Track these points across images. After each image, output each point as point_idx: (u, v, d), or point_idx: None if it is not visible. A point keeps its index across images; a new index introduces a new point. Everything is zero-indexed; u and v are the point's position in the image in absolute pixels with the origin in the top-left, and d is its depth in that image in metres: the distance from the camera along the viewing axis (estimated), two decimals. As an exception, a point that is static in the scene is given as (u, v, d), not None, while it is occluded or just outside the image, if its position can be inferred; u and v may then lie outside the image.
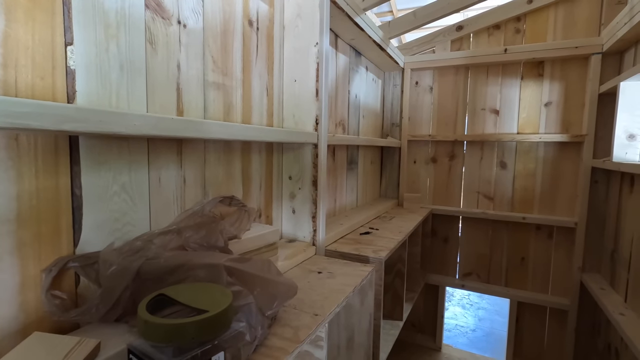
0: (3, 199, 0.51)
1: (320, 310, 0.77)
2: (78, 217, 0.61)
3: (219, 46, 0.90)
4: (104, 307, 0.58)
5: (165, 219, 0.77)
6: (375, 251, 1.20)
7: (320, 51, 1.11)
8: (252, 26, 1.02)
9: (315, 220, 1.17)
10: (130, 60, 0.68)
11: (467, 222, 2.13)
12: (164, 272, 0.58)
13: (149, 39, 0.72)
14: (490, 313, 3.30)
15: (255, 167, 1.07)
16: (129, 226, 0.70)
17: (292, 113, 1.17)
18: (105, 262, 0.59)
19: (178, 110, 0.79)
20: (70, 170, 0.60)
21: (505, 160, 2.01)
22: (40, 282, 0.56)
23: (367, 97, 1.96)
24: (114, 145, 0.66)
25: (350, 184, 1.80)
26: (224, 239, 0.68)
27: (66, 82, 0.58)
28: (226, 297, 0.48)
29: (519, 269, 2.01)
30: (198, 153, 0.86)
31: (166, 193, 0.78)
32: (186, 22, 0.80)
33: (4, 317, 0.52)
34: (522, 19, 1.93)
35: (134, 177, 0.70)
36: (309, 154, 1.16)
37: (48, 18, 0.55)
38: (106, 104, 0.64)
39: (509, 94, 1.97)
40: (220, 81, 0.91)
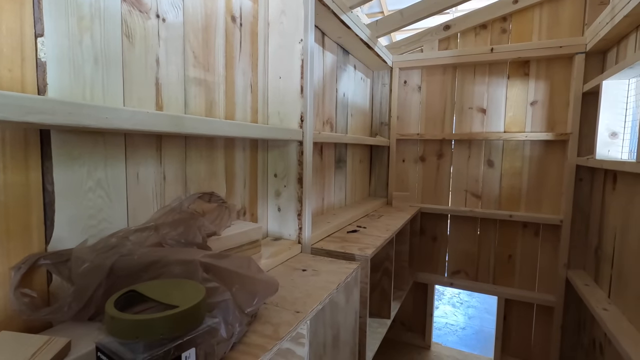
0: (-33, 193, 0.50)
1: (302, 308, 0.76)
2: (50, 214, 0.60)
3: (200, 42, 0.89)
4: (77, 306, 0.57)
5: (143, 216, 0.76)
6: (361, 249, 1.20)
7: (305, 48, 1.11)
8: (235, 22, 1.01)
9: (300, 218, 1.16)
10: (105, 53, 0.67)
11: (455, 221, 2.14)
12: (138, 269, 0.57)
13: (126, 32, 0.70)
14: (480, 311, 3.33)
15: (239, 164, 1.06)
16: (104, 223, 0.68)
17: (277, 110, 1.16)
18: (78, 259, 0.58)
19: (157, 106, 0.78)
20: (42, 165, 0.58)
21: (493, 159, 2.03)
22: (8, 279, 0.54)
23: (356, 95, 1.96)
24: (88, 139, 0.65)
25: (339, 183, 1.79)
26: (202, 235, 0.67)
27: (36, 75, 0.57)
28: (198, 293, 0.47)
29: (507, 267, 2.03)
30: (179, 149, 0.84)
31: (145, 190, 0.76)
32: (165, 16, 0.79)
33: (-32, 316, 0.50)
34: (508, 19, 1.95)
35: (110, 172, 0.69)
36: (294, 152, 1.15)
37: (17, 7, 0.54)
38: (80, 98, 0.63)
39: (496, 93, 1.99)
40: (201, 77, 0.90)
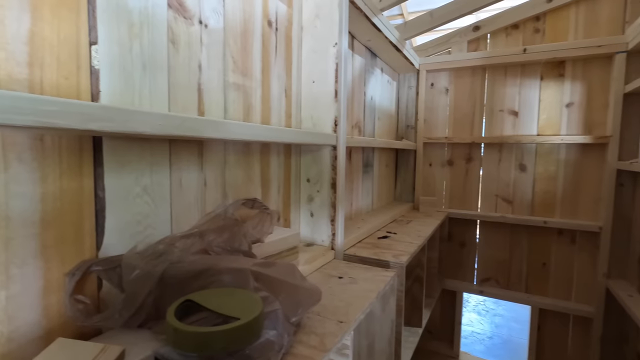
0: (28, 201, 0.50)
1: (344, 317, 0.74)
2: (101, 220, 0.60)
3: (239, 46, 0.89)
4: (127, 313, 0.57)
5: (186, 222, 0.76)
6: (395, 255, 1.17)
7: (339, 51, 1.09)
8: (271, 27, 1.00)
9: (334, 224, 1.14)
10: (152, 59, 0.67)
11: (484, 226, 2.08)
12: (188, 277, 0.57)
13: (171, 38, 0.71)
14: (507, 320, 3.22)
15: (274, 169, 1.05)
16: (150, 229, 0.68)
17: (310, 114, 1.15)
18: (128, 266, 0.58)
19: (199, 111, 0.78)
20: (94, 171, 0.59)
21: (525, 163, 1.96)
22: (63, 286, 0.55)
23: (382, 99, 1.94)
24: (135, 146, 0.65)
25: (366, 187, 1.77)
26: (248, 242, 0.66)
27: (90, 82, 0.57)
28: (256, 304, 0.46)
29: (540, 275, 1.95)
30: (218, 155, 0.84)
31: (187, 195, 0.76)
32: (207, 22, 0.79)
33: (27, 322, 0.51)
34: (542, 18, 1.88)
35: (156, 178, 0.69)
36: (327, 156, 1.13)
37: (73, 16, 0.55)
38: (129, 104, 0.63)
39: (529, 95, 1.92)
40: (240, 82, 0.89)
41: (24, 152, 0.50)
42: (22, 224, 0.50)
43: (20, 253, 0.50)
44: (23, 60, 0.49)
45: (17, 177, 0.49)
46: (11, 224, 0.49)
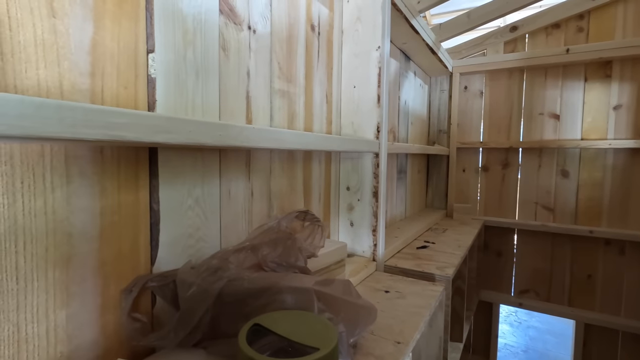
0: (88, 215, 0.48)
1: (400, 337, 0.70)
2: (155, 234, 0.58)
3: (285, 52, 0.86)
4: (183, 332, 0.54)
5: (234, 234, 0.73)
6: (439, 268, 1.11)
7: (382, 55, 1.05)
8: (314, 31, 0.97)
9: (375, 234, 1.09)
10: (204, 67, 0.65)
11: (523, 235, 1.98)
12: (247, 295, 0.53)
13: (222, 44, 0.68)
14: (542, 332, 3.07)
15: (315, 177, 1.02)
16: (201, 242, 0.66)
17: (350, 121, 1.11)
18: (184, 282, 0.55)
19: (247, 119, 0.76)
20: (149, 183, 0.57)
21: (567, 169, 1.85)
22: (119, 303, 0.53)
23: (415, 103, 1.88)
24: (188, 156, 0.63)
25: (400, 194, 1.71)
26: (304, 257, 0.63)
27: (147, 91, 0.55)
28: (330, 331, 0.42)
29: (585, 288, 1.84)
30: (265, 164, 0.81)
31: (235, 206, 0.74)
32: (256, 27, 0.77)
33: (87, 341, 0.49)
34: (586, 17, 1.79)
35: (207, 190, 0.67)
36: (369, 164, 1.09)
37: (132, 24, 0.53)
38: (182, 113, 0.61)
39: (571, 97, 1.83)
40: (285, 88, 0.87)
41: (86, 165, 0.48)
42: (83, 240, 0.48)
43: (80, 270, 0.48)
44: (85, 70, 0.47)
45: (78, 191, 0.47)
46: (72, 240, 0.47)
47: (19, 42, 0.41)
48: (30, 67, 0.42)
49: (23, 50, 0.41)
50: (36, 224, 0.43)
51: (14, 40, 0.41)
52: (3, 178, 0.40)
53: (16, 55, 0.41)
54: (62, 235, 0.46)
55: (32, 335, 0.43)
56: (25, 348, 0.43)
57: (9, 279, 0.41)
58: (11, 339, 0.42)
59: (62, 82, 0.45)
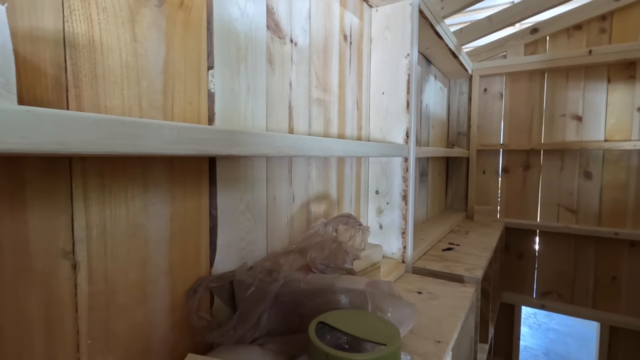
0: (161, 221, 0.53)
1: (440, 337, 0.72)
2: (214, 237, 0.62)
3: (321, 62, 0.90)
4: (242, 329, 0.58)
5: (278, 237, 0.77)
6: (468, 269, 1.13)
7: (411, 62, 1.08)
8: (346, 41, 1.01)
9: (404, 237, 1.12)
10: (254, 80, 0.69)
11: (545, 237, 1.98)
12: (302, 296, 0.57)
13: (269, 58, 0.72)
14: (562, 335, 3.04)
15: (348, 181, 1.05)
16: (251, 245, 0.70)
17: (379, 126, 1.14)
18: (242, 283, 0.59)
19: (289, 128, 0.79)
20: (209, 190, 0.61)
21: (590, 170, 1.85)
22: (185, 302, 0.57)
23: (435, 106, 1.90)
24: (241, 164, 0.67)
25: (421, 197, 1.74)
26: (351, 260, 0.66)
27: (207, 105, 0.60)
28: (391, 328, 0.45)
29: (610, 290, 1.83)
30: (304, 170, 0.85)
31: (279, 211, 0.77)
32: (297, 40, 0.81)
33: (160, 338, 0.53)
34: (608, 18, 1.78)
35: (256, 196, 0.70)
36: (397, 168, 1.12)
37: (197, 44, 0.57)
38: (236, 125, 0.65)
39: (594, 99, 1.82)
40: (321, 97, 0.90)
41: (159, 175, 0.52)
42: (157, 243, 0.52)
43: (154, 271, 0.52)
44: (159, 88, 0.52)
45: (153, 199, 0.51)
46: (149, 244, 0.51)
47: (108, 65, 0.45)
48: (116, 88, 0.46)
49: (111, 73, 0.46)
50: (120, 230, 0.48)
51: (105, 64, 0.45)
52: (95, 188, 0.45)
53: (107, 78, 0.45)
54: (141, 240, 0.50)
55: (117, 331, 0.48)
56: (111, 342, 0.47)
57: (100, 280, 0.46)
58: (101, 334, 0.46)
59: (141, 100, 0.49)
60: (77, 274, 0.43)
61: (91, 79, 0.44)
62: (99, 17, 0.44)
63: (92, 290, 0.45)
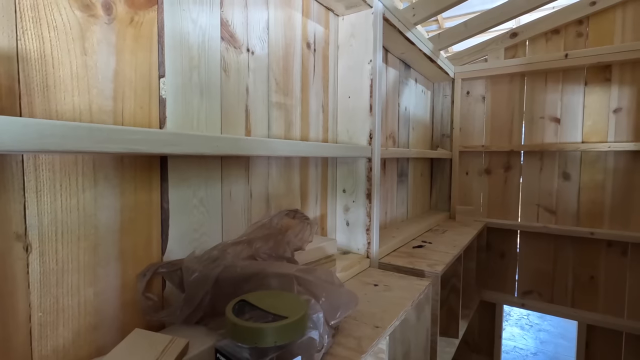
0: (111, 211, 0.60)
1: (380, 323, 0.78)
2: (165, 228, 0.69)
3: (281, 69, 0.97)
4: (187, 310, 0.65)
5: (234, 230, 0.84)
6: (430, 265, 1.19)
7: (374, 68, 1.15)
8: (309, 48, 1.08)
9: (369, 233, 1.18)
10: (208, 87, 0.76)
11: (525, 237, 2.01)
12: (239, 280, 0.64)
13: (224, 67, 0.80)
14: (554, 336, 3.05)
15: (312, 181, 1.12)
16: (205, 236, 0.77)
17: (345, 128, 1.21)
18: (189, 269, 0.66)
19: (246, 129, 0.86)
20: (161, 186, 0.68)
21: (569, 171, 1.88)
22: (135, 285, 0.64)
23: (417, 108, 1.96)
24: (194, 163, 0.74)
25: (401, 196, 1.79)
26: (291, 250, 0.72)
27: (159, 110, 0.67)
28: (302, 306, 0.52)
29: (588, 289, 1.85)
30: (263, 169, 0.92)
31: (235, 206, 0.84)
32: (254, 49, 0.88)
33: (110, 315, 0.60)
34: (585, 22, 1.82)
35: (210, 191, 0.77)
36: (362, 168, 1.18)
37: (147, 55, 0.64)
38: (189, 127, 0.72)
39: (571, 101, 1.86)
40: (282, 101, 0.97)
41: (109, 171, 0.59)
42: (107, 232, 0.59)
43: (104, 256, 0.59)
44: (109, 94, 0.59)
45: (103, 192, 0.59)
46: (99, 232, 0.58)
47: (59, 76, 0.53)
48: (67, 95, 0.54)
49: (62, 82, 0.53)
50: (71, 218, 0.55)
51: (56, 75, 0.52)
52: (47, 181, 0.52)
53: (57, 87, 0.53)
54: (91, 228, 0.57)
55: (67, 306, 0.55)
56: (62, 316, 0.54)
57: (51, 261, 0.53)
58: (52, 308, 0.53)
59: (91, 106, 0.57)
60: (29, 254, 0.51)
61: (42, 88, 0.51)
62: (50, 35, 0.52)
63: (43, 269, 0.52)
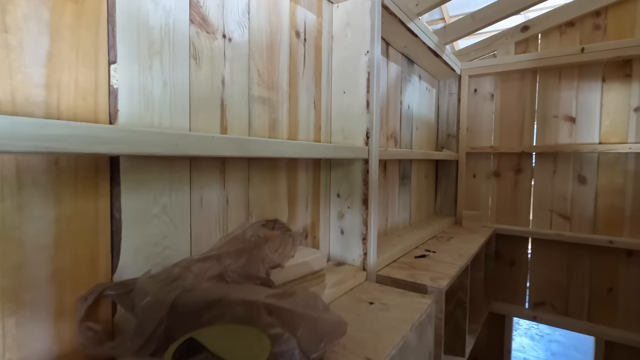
0: (42, 223, 0.49)
1: (372, 353, 0.67)
2: (117, 242, 0.58)
3: (265, 59, 0.86)
4: (138, 342, 0.54)
5: (206, 241, 0.73)
6: (433, 279, 1.07)
7: (371, 60, 1.03)
8: (299, 37, 0.97)
9: (365, 243, 1.07)
10: (173, 77, 0.65)
11: (537, 244, 1.88)
12: (200, 307, 0.53)
13: (193, 54, 0.69)
14: (566, 347, 2.90)
15: (302, 184, 1.01)
16: (168, 250, 0.66)
17: (340, 127, 1.09)
18: (141, 291, 0.55)
19: (222, 127, 0.76)
20: (110, 192, 0.57)
21: (585, 174, 1.75)
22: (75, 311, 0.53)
23: (421, 107, 1.84)
24: (155, 164, 0.63)
25: (403, 201, 1.67)
26: (266, 268, 0.61)
27: (109, 102, 0.56)
28: (264, 348, 0.41)
29: (606, 302, 1.72)
30: (242, 172, 0.81)
31: (208, 214, 0.73)
32: (231, 35, 0.77)
33: (38, 350, 0.50)
34: (603, 13, 1.69)
35: (175, 198, 0.67)
36: (358, 170, 1.07)
37: (92, 36, 0.54)
38: (149, 123, 0.62)
39: (588, 99, 1.73)
40: (265, 95, 0.86)
41: (39, 175, 0.49)
42: (36, 247, 0.49)
43: (32, 277, 0.49)
44: (40, 82, 0.49)
45: (31, 201, 0.48)
46: (24, 248, 0.48)
47: (-33, 57, 0.42)
48: (-21, 81, 0.43)
49: (-28, 65, 0.43)
50: (-15, 233, 0.44)
51: (-38, 55, 0.42)
52: (-51, 188, 0.42)
53: (-37, 70, 0.42)
54: (12, 243, 0.47)
55: (-21, 341, 0.44)
56: (-27, 354, 0.44)
57: (-45, 287, 0.42)
58: (-42, 345, 0.43)
59: (14, 95, 0.46)
60: None
61: (-58, 71, 0.41)
62: (-48, 6, 0.41)
63: (-57, 297, 0.42)
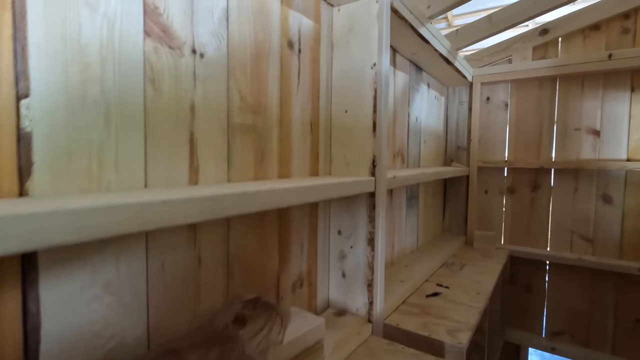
0: None
1: None
2: (34, 344, 0.42)
3: (249, 77, 0.69)
4: None
5: (171, 317, 0.57)
6: (451, 331, 0.91)
7: (379, 74, 0.87)
8: (292, 48, 0.80)
9: (371, 290, 0.90)
10: (120, 108, 0.49)
11: (556, 269, 1.72)
12: None
13: (150, 77, 0.52)
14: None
15: (296, 225, 0.84)
16: (114, 340, 0.50)
17: (342, 152, 0.93)
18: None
19: (191, 167, 0.59)
20: (22, 277, 0.41)
21: (610, 194, 1.59)
22: None
23: (429, 118, 1.67)
24: (93, 230, 0.46)
25: (410, 223, 1.51)
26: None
27: (17, 151, 0.40)
28: None
29: (633, 334, 1.56)
30: (219, 225, 0.65)
31: (172, 281, 0.57)
32: (204, 50, 0.60)
33: None
34: (632, 16, 1.53)
35: (125, 269, 0.50)
36: (363, 205, 0.91)
37: (-15, 62, 0.37)
38: (83, 173, 0.45)
39: (614, 110, 1.56)
40: (250, 122, 0.70)
41: None
42: None
43: None
44: None
45: None
46: None
47: None
48: None
49: None
50: None
51: None
52: None
53: None
54: None
55: None
56: None
57: None
58: None
59: None
60: None
61: None
62: None
63: None
